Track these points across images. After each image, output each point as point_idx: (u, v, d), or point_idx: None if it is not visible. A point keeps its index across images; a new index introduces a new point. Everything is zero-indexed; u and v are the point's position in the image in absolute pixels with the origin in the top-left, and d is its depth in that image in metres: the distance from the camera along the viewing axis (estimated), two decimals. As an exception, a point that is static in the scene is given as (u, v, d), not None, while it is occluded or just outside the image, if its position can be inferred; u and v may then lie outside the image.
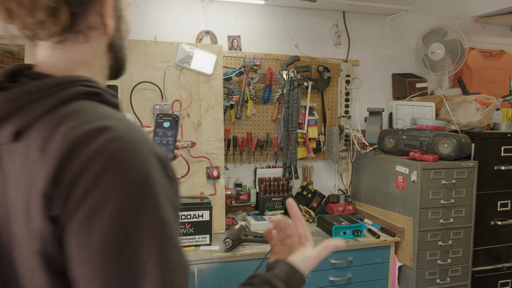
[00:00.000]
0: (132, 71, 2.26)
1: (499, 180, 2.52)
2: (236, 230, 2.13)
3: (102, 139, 0.54)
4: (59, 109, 0.59)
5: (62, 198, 0.53)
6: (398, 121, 2.90)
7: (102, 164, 0.53)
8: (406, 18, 3.10)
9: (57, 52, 0.65)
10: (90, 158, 0.53)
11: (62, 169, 0.53)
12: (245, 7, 2.74)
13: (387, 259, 2.38)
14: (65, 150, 0.54)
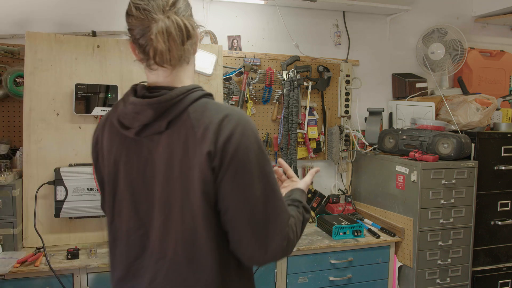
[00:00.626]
0: (132, 71, 2.26)
1: (499, 180, 2.52)
2: None
3: (235, 118, 0.93)
4: (194, 105, 0.96)
5: (219, 155, 0.91)
6: (398, 121, 2.90)
7: (240, 132, 0.92)
8: (406, 18, 3.10)
9: (175, 72, 1.01)
10: (232, 129, 0.92)
11: (217, 136, 0.91)
12: (245, 7, 2.74)
13: (387, 259, 2.38)
14: (216, 125, 0.92)
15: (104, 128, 1.07)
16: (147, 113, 0.95)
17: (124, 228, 1.03)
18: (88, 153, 2.20)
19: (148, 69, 1.04)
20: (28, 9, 2.34)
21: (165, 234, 0.96)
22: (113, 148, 1.03)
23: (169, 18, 0.93)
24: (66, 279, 1.84)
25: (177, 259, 0.96)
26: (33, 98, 2.10)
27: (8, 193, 1.93)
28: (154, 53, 0.96)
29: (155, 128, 0.95)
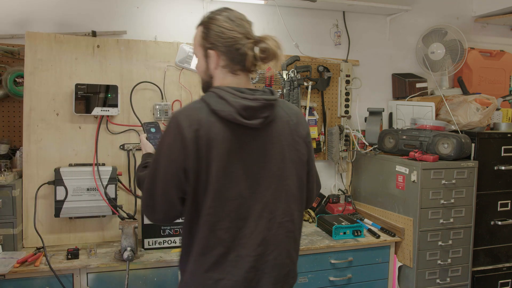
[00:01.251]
0: (132, 71, 2.26)
1: (499, 180, 2.52)
2: None
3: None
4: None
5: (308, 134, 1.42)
6: (398, 121, 2.90)
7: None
8: (406, 18, 3.10)
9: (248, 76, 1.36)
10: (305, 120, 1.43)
11: (305, 122, 1.41)
12: (245, 7, 2.74)
13: (387, 259, 2.38)
14: (301, 114, 1.43)
15: (209, 123, 1.21)
16: (269, 108, 1.26)
17: (244, 210, 1.24)
18: (88, 153, 2.21)
19: (230, 73, 1.30)
20: (28, 9, 2.34)
21: (276, 199, 1.28)
22: (227, 138, 1.22)
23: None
24: (66, 279, 1.85)
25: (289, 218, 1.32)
26: (33, 98, 2.10)
27: (8, 193, 1.93)
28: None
29: (271, 118, 1.28)
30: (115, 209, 2.09)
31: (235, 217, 1.23)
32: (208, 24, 1.32)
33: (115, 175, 2.10)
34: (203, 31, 1.33)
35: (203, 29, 1.33)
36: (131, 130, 2.25)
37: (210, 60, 1.31)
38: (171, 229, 2.09)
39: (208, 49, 1.30)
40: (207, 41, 1.31)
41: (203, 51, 1.33)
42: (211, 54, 1.30)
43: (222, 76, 1.31)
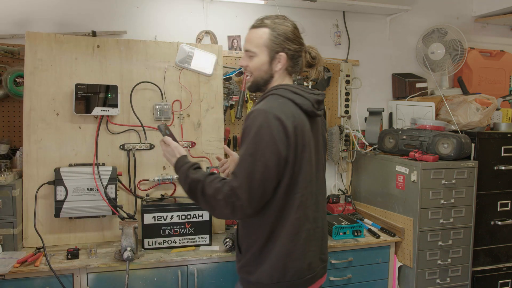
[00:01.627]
0: (132, 71, 2.26)
1: (499, 180, 2.52)
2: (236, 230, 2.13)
3: None
4: None
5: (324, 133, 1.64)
6: (398, 121, 2.90)
7: None
8: (406, 18, 3.10)
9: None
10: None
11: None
12: (245, 7, 2.74)
13: (387, 259, 2.38)
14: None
15: (298, 115, 1.42)
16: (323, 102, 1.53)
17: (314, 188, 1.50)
18: (88, 153, 2.22)
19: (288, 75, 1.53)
20: (28, 9, 2.35)
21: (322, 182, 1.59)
22: (308, 128, 1.45)
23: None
24: (66, 279, 1.85)
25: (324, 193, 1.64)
26: (33, 98, 2.10)
27: (8, 193, 1.93)
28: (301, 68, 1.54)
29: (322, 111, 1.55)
30: (115, 209, 2.09)
31: (315, 196, 1.50)
32: (281, 30, 1.47)
33: (115, 175, 2.10)
34: (273, 34, 1.46)
35: (271, 32, 1.47)
36: (131, 130, 2.25)
37: (276, 61, 1.48)
38: (171, 229, 2.09)
39: (279, 52, 1.47)
40: (277, 44, 1.47)
41: (269, 52, 1.47)
42: (280, 57, 1.48)
43: (281, 77, 1.52)
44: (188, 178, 1.42)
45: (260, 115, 1.35)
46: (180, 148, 1.55)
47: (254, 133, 1.34)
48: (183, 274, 1.99)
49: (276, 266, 1.43)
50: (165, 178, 2.27)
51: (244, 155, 1.34)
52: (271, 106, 1.38)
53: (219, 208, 1.36)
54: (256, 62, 1.49)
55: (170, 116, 2.29)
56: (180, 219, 2.10)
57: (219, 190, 1.34)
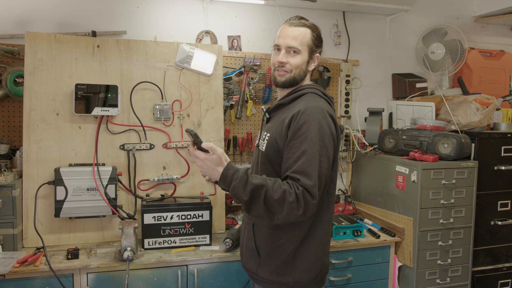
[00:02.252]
0: (132, 71, 2.26)
1: (499, 180, 2.52)
2: (236, 230, 2.13)
3: None
4: None
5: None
6: (398, 121, 2.90)
7: None
8: (406, 18, 3.10)
9: None
10: None
11: None
12: (245, 7, 2.74)
13: (387, 259, 2.38)
14: None
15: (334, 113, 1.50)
16: None
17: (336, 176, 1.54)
18: (88, 153, 2.22)
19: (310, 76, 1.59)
20: (28, 9, 2.35)
21: None
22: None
23: None
24: (66, 279, 1.85)
25: None
26: (33, 98, 2.10)
27: (8, 193, 1.93)
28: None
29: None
30: (115, 209, 2.09)
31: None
32: (317, 32, 1.54)
33: (115, 175, 2.10)
34: (313, 35, 1.52)
35: (312, 33, 1.52)
36: (131, 130, 2.25)
37: (312, 61, 1.55)
38: (171, 229, 2.09)
39: (315, 53, 1.54)
40: (316, 45, 1.53)
41: (309, 52, 1.52)
42: (316, 58, 1.55)
43: (308, 76, 1.58)
44: (249, 185, 1.29)
45: (318, 112, 1.38)
46: (225, 155, 1.38)
47: (316, 129, 1.35)
48: (183, 274, 1.99)
49: (315, 262, 1.48)
50: (165, 178, 2.27)
51: (310, 152, 1.33)
52: (323, 104, 1.44)
53: (287, 210, 1.28)
54: (299, 60, 1.51)
55: (170, 116, 2.29)
56: (180, 219, 2.10)
57: (287, 192, 1.28)
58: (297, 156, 1.33)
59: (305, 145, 1.33)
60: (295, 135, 1.36)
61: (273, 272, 1.46)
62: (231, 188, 1.32)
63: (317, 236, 1.47)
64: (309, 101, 1.43)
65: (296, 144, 1.35)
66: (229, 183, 1.32)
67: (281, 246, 1.45)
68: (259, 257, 1.50)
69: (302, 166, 1.32)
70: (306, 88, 1.51)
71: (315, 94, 1.49)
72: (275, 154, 1.45)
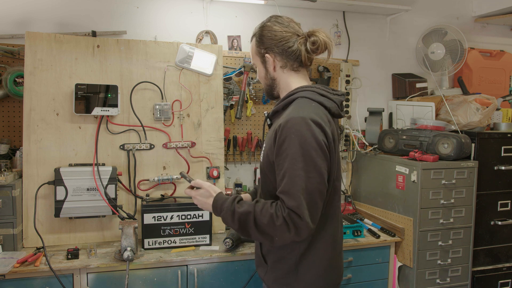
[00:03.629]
0: (132, 71, 2.26)
1: (499, 180, 2.52)
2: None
3: None
4: None
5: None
6: (398, 121, 2.90)
7: None
8: (406, 18, 3.10)
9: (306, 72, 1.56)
10: None
11: None
12: (245, 7, 2.74)
13: (387, 259, 2.38)
14: None
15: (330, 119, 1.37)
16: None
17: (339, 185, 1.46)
18: (88, 153, 2.22)
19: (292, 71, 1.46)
20: (28, 9, 2.35)
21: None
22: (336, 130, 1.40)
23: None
24: (66, 279, 1.85)
25: None
26: (33, 98, 2.10)
27: (8, 193, 1.93)
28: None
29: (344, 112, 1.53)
30: (115, 209, 2.09)
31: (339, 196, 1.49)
32: (260, 33, 1.44)
33: (115, 175, 2.10)
34: (257, 40, 1.45)
35: (256, 39, 1.46)
36: (131, 130, 2.25)
37: (267, 63, 1.45)
38: (171, 229, 2.09)
39: (264, 54, 1.43)
40: (261, 47, 1.44)
41: (260, 58, 1.46)
42: (267, 58, 1.43)
43: (286, 76, 1.45)
44: (236, 214, 1.29)
45: (300, 123, 1.26)
46: (213, 186, 1.42)
47: (298, 143, 1.24)
48: (183, 274, 1.99)
49: (319, 276, 1.41)
50: (165, 178, 2.27)
51: (292, 170, 1.24)
52: (308, 112, 1.30)
53: (279, 234, 1.25)
54: (259, 73, 1.51)
55: (170, 116, 2.29)
56: (180, 219, 2.10)
57: (275, 215, 1.24)
58: (281, 175, 1.27)
59: (286, 163, 1.25)
60: (279, 152, 1.29)
61: (276, 281, 1.44)
62: (221, 218, 1.35)
63: (319, 250, 1.40)
64: (292, 111, 1.32)
65: (280, 161, 1.29)
66: (219, 213, 1.36)
67: (283, 258, 1.43)
68: (266, 265, 1.49)
69: (286, 187, 1.25)
70: (298, 92, 1.40)
71: (306, 98, 1.37)
72: (267, 166, 1.39)
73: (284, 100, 1.42)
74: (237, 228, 1.31)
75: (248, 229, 1.29)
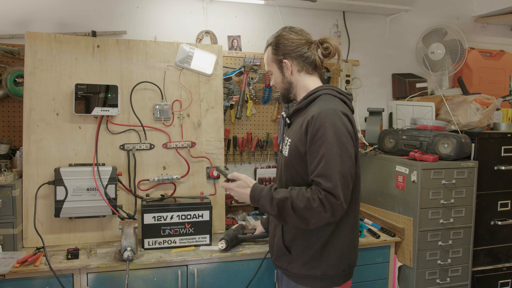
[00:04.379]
0: (132, 71, 2.26)
1: (499, 180, 2.52)
2: (233, 230, 2.13)
3: None
4: None
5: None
6: (398, 121, 2.90)
7: None
8: (406, 18, 3.10)
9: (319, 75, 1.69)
10: None
11: None
12: (245, 7, 2.74)
13: (387, 259, 2.38)
14: None
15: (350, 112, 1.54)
16: None
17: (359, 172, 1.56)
18: (88, 153, 2.22)
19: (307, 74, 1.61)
20: (28, 9, 2.35)
21: None
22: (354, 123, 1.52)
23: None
24: (66, 279, 1.85)
25: None
26: (33, 98, 2.10)
27: (8, 193, 1.93)
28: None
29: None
30: (115, 209, 2.09)
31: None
32: (277, 41, 1.60)
33: (115, 175, 2.10)
34: (273, 48, 1.61)
35: (272, 47, 1.61)
36: (131, 130, 2.25)
37: (285, 69, 1.60)
38: (171, 229, 2.09)
39: (282, 60, 1.59)
40: (278, 54, 1.59)
41: (277, 64, 1.61)
42: (285, 63, 1.59)
43: (301, 78, 1.61)
44: (274, 200, 1.43)
45: (332, 114, 1.42)
46: (249, 178, 1.57)
47: (332, 131, 1.40)
48: (183, 274, 1.99)
49: (342, 256, 1.55)
50: (165, 178, 2.27)
51: (329, 155, 1.38)
52: (336, 105, 1.47)
53: (316, 215, 1.38)
54: (275, 78, 1.65)
55: (170, 116, 2.29)
56: (180, 219, 2.10)
57: (311, 199, 1.37)
58: (317, 161, 1.40)
59: (323, 149, 1.39)
60: (313, 140, 1.42)
61: (303, 266, 1.55)
62: (260, 205, 1.45)
63: (343, 231, 1.54)
64: (322, 104, 1.48)
65: (315, 149, 1.42)
66: (257, 201, 1.48)
67: (310, 244, 1.54)
68: (290, 255, 1.59)
69: (322, 170, 1.38)
70: (320, 90, 1.56)
71: (329, 95, 1.53)
72: (296, 158, 1.51)
73: (307, 99, 1.56)
74: (276, 213, 1.43)
75: (285, 214, 1.41)
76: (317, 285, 1.56)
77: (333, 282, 1.58)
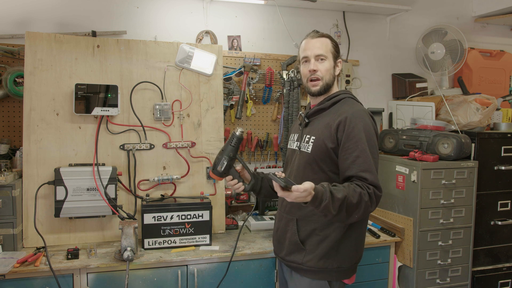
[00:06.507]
0: (132, 71, 2.26)
1: (499, 180, 2.52)
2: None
3: None
4: None
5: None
6: (398, 121, 2.90)
7: None
8: (406, 18, 3.10)
9: None
10: None
11: None
12: (245, 7, 2.74)
13: (387, 259, 2.38)
14: None
15: None
16: None
17: None
18: (88, 153, 2.22)
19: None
20: (28, 9, 2.35)
21: None
22: None
23: None
24: (66, 279, 1.84)
25: None
26: (33, 98, 2.10)
27: (8, 193, 1.93)
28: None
29: None
30: (115, 209, 2.09)
31: None
32: (335, 41, 1.71)
33: (115, 175, 2.10)
34: (333, 43, 1.69)
35: (332, 42, 1.69)
36: (131, 130, 2.25)
37: (336, 67, 1.69)
38: (171, 229, 2.09)
39: (338, 58, 1.69)
40: (337, 52, 1.69)
41: (333, 58, 1.68)
42: (339, 63, 1.70)
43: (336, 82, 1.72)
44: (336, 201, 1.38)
45: (363, 115, 1.56)
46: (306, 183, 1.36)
47: (366, 130, 1.53)
48: (183, 274, 1.99)
49: (356, 249, 1.63)
50: (165, 178, 2.27)
51: (365, 151, 1.50)
52: (363, 108, 1.61)
53: (364, 209, 1.44)
54: (327, 65, 1.66)
55: (170, 116, 2.29)
56: (180, 219, 2.10)
57: (363, 194, 1.43)
58: (355, 156, 1.49)
59: (360, 145, 1.50)
60: (349, 137, 1.52)
61: (320, 259, 1.59)
62: (322, 207, 1.38)
63: (358, 223, 1.59)
64: (352, 106, 1.60)
65: (351, 145, 1.51)
66: (319, 204, 1.38)
67: (327, 237, 1.59)
68: (304, 249, 1.62)
69: (365, 165, 1.48)
70: (342, 94, 1.66)
71: (351, 98, 1.66)
72: (323, 154, 1.58)
73: (330, 100, 1.65)
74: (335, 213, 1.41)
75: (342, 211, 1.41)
76: (332, 277, 1.61)
77: (346, 275, 1.64)
